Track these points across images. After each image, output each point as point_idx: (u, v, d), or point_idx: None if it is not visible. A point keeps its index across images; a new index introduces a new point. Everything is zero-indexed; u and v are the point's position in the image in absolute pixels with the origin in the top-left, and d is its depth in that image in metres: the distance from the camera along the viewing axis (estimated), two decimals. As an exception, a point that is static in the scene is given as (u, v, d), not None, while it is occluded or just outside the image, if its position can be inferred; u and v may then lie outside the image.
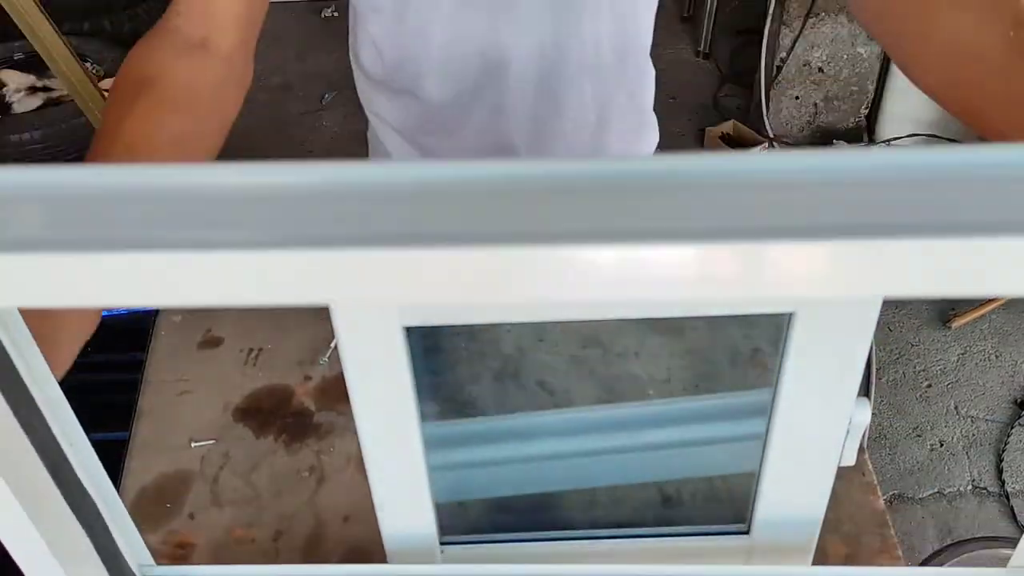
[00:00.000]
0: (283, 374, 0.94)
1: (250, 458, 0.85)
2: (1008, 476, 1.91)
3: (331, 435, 0.87)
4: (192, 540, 0.78)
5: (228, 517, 0.80)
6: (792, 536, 0.65)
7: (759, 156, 0.35)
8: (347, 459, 0.85)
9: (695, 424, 0.73)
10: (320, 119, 3.06)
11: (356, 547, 0.77)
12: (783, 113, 2.93)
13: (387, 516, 0.64)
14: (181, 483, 0.84)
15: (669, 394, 0.81)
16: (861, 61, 2.70)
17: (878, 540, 0.67)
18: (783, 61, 2.77)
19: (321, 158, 0.89)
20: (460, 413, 0.80)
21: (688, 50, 3.42)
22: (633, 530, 0.69)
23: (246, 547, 0.78)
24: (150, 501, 0.82)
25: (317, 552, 0.77)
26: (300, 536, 0.78)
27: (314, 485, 0.83)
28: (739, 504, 0.66)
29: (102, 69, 2.97)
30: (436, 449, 0.64)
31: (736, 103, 3.17)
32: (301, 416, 0.89)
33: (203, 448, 0.87)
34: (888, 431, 2.02)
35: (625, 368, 0.82)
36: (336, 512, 0.80)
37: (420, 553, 0.68)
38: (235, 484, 0.83)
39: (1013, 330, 2.19)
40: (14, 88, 2.91)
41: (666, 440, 0.72)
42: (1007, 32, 0.59)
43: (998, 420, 2.01)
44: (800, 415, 0.55)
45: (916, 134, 2.71)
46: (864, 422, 0.57)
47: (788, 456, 0.58)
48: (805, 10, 2.53)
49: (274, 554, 0.77)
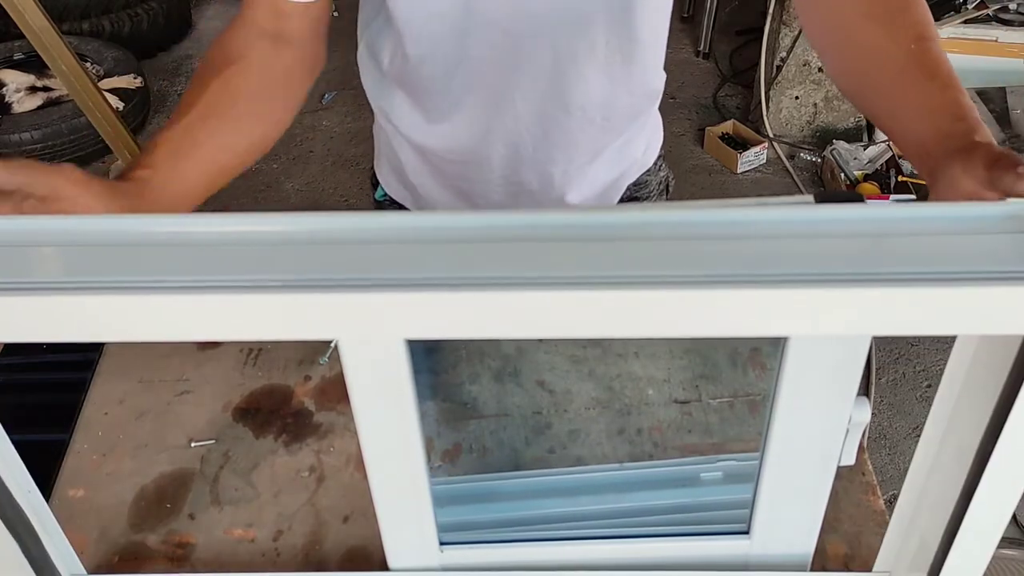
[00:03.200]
0: (283, 374, 0.94)
1: (250, 458, 0.85)
2: (1008, 476, 1.91)
3: (331, 435, 0.87)
4: (192, 540, 0.78)
5: (228, 517, 0.80)
6: (792, 536, 0.65)
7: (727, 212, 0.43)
8: (347, 459, 0.85)
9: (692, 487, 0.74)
10: (320, 119, 3.06)
11: (356, 547, 0.77)
12: (783, 113, 2.92)
13: (387, 517, 0.64)
14: (181, 483, 0.84)
15: (668, 395, 0.82)
16: (861, 61, 2.70)
17: (878, 540, 0.67)
18: (783, 61, 2.77)
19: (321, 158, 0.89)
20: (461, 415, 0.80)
21: (688, 50, 3.43)
22: (635, 529, 0.69)
23: (246, 547, 0.78)
24: (150, 501, 0.82)
25: (317, 552, 0.77)
26: (300, 536, 0.78)
27: (314, 485, 0.83)
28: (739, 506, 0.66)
29: (102, 69, 2.97)
30: (438, 481, 0.65)
31: (736, 103, 3.17)
32: (301, 416, 0.89)
33: (203, 448, 0.87)
34: (888, 431, 2.02)
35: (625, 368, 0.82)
36: (336, 512, 0.80)
37: (420, 553, 0.68)
38: (235, 484, 0.83)
39: (1013, 330, 2.19)
40: (14, 88, 2.91)
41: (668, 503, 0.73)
42: (909, 45, 0.67)
43: (998, 420, 2.01)
44: (799, 416, 0.55)
45: (916, 134, 2.71)
46: (864, 421, 0.56)
47: (787, 457, 0.57)
48: (805, 10, 2.52)
49: (274, 554, 0.77)
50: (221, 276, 0.39)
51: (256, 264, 0.40)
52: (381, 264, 0.40)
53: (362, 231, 0.42)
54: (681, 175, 2.81)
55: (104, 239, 0.42)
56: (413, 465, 0.59)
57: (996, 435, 0.44)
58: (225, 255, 0.41)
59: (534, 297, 0.38)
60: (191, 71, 3.38)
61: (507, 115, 0.92)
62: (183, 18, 3.56)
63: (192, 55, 3.49)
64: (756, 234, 0.40)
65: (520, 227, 0.41)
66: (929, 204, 0.41)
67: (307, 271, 0.40)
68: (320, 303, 0.39)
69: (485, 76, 0.88)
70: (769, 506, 0.61)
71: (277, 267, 0.40)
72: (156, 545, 0.78)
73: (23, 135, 2.73)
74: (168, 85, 3.31)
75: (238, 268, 0.40)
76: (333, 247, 0.41)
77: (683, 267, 0.38)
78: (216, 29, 3.66)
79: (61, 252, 0.41)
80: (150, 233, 0.42)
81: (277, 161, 2.88)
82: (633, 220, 0.41)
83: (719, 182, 2.82)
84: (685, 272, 0.38)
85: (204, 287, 0.39)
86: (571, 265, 0.39)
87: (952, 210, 0.40)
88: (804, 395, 0.53)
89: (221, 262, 0.40)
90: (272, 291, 0.39)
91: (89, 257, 0.41)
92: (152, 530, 0.79)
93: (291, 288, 0.39)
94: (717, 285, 0.37)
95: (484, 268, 0.39)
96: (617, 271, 0.38)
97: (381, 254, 0.40)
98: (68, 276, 0.40)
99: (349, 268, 0.40)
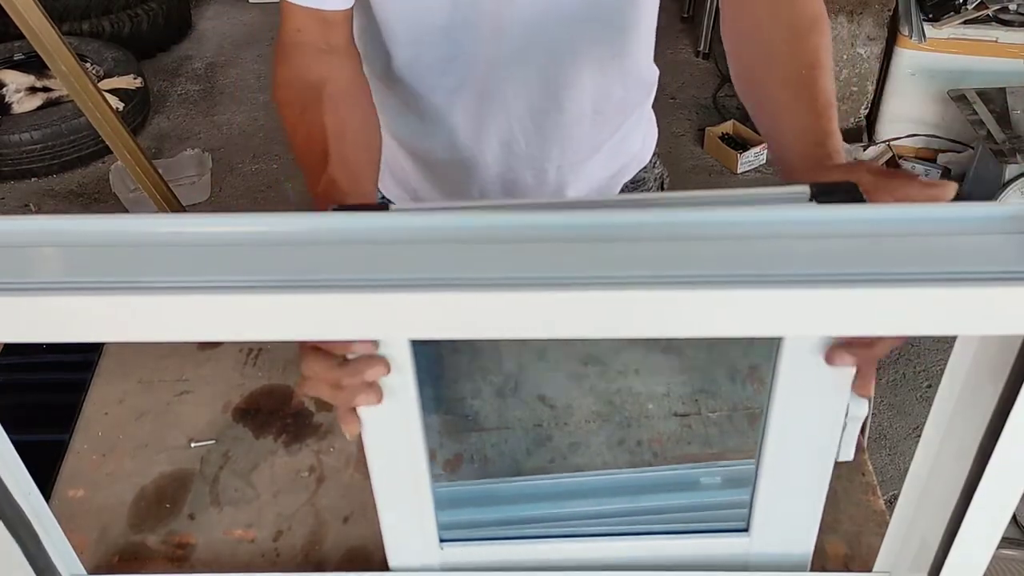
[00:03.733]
0: (283, 374, 0.94)
1: (250, 458, 0.85)
2: (1008, 476, 1.90)
3: (331, 435, 0.87)
4: (192, 540, 0.78)
5: (228, 517, 0.80)
6: (791, 534, 0.65)
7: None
8: (347, 459, 0.85)
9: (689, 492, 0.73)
10: (320, 119, 3.06)
11: (356, 547, 0.77)
12: (783, 113, 2.92)
13: (388, 514, 0.64)
14: (181, 483, 0.84)
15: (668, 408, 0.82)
16: (861, 61, 2.70)
17: (878, 540, 0.67)
18: (783, 61, 2.76)
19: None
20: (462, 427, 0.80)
21: (688, 50, 3.42)
22: (635, 527, 0.69)
23: (246, 547, 0.78)
24: (150, 501, 0.82)
25: (317, 552, 0.77)
26: (300, 536, 0.78)
27: (314, 485, 0.83)
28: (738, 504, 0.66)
29: (102, 69, 2.97)
30: (439, 482, 0.65)
31: (736, 103, 3.17)
32: (301, 416, 0.89)
33: (203, 448, 0.87)
34: (888, 431, 2.02)
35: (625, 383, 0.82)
36: (336, 512, 0.80)
37: (420, 552, 0.68)
38: (235, 484, 0.83)
39: (1013, 330, 2.19)
40: (14, 88, 2.91)
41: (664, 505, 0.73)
42: (801, 70, 0.71)
43: (998, 420, 2.01)
44: (795, 411, 0.55)
45: (915, 134, 2.71)
46: (861, 415, 0.56)
47: (784, 453, 0.57)
48: (805, 10, 2.52)
49: (274, 555, 0.77)
50: (220, 276, 0.39)
51: (256, 264, 0.40)
52: (382, 265, 0.40)
53: (362, 231, 0.42)
54: (681, 175, 2.81)
55: (103, 240, 0.42)
56: (416, 463, 0.59)
57: (996, 435, 0.44)
58: (224, 255, 0.41)
59: (528, 297, 0.38)
60: (191, 71, 3.38)
61: (499, 112, 0.92)
62: (183, 19, 3.56)
63: (192, 55, 3.48)
64: (754, 234, 0.40)
65: (520, 227, 0.41)
66: (928, 205, 0.41)
67: (307, 271, 0.40)
68: (320, 303, 0.39)
69: (475, 74, 0.89)
70: (767, 503, 0.61)
71: (277, 267, 0.40)
72: (156, 545, 0.78)
73: (23, 135, 2.74)
74: (168, 85, 3.31)
75: (238, 268, 0.40)
76: (334, 247, 0.41)
77: (681, 267, 0.38)
78: (216, 29, 3.66)
79: (61, 252, 0.41)
80: (150, 233, 0.42)
81: (277, 161, 2.88)
82: (632, 221, 0.41)
83: (719, 182, 2.82)
84: (684, 272, 0.38)
85: (204, 287, 0.39)
86: (571, 266, 0.39)
87: (951, 211, 0.40)
88: (799, 391, 0.53)
89: (220, 262, 0.40)
90: (272, 291, 0.39)
91: (88, 257, 0.41)
92: (152, 530, 0.79)
93: (291, 288, 0.39)
94: (717, 286, 0.37)
95: (487, 269, 0.39)
96: (616, 271, 0.38)
97: (382, 254, 0.41)
98: (68, 276, 0.40)
99: (350, 268, 0.40)
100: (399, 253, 0.41)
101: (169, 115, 3.16)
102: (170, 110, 3.19)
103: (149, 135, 3.04)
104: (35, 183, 2.83)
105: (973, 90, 2.43)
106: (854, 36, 2.60)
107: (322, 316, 0.39)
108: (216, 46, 3.56)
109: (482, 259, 0.40)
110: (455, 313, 0.39)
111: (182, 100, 3.24)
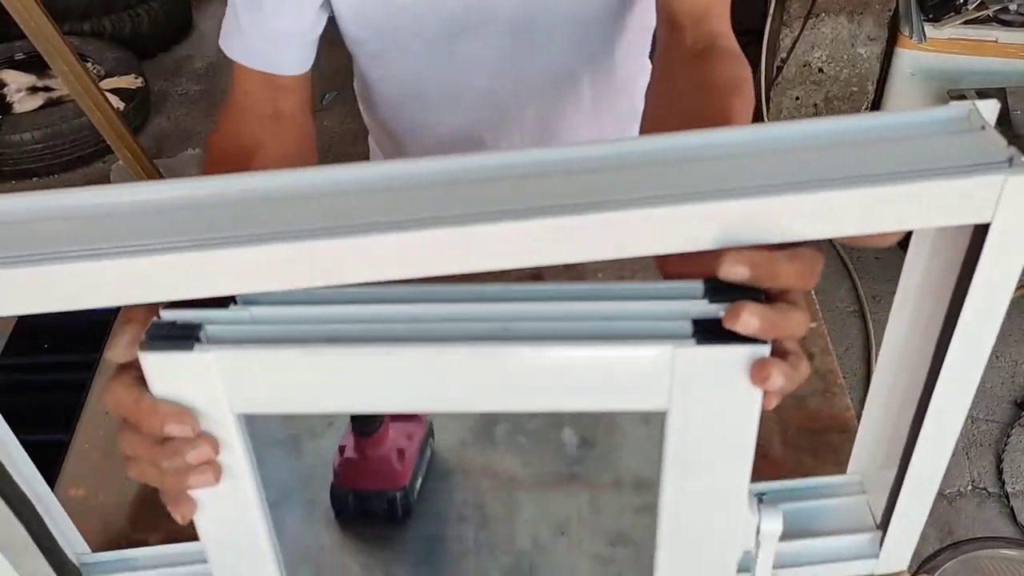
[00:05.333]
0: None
1: (250, 458, 0.86)
2: (1008, 476, 1.91)
3: (331, 435, 0.87)
4: (192, 540, 0.78)
5: (228, 517, 0.80)
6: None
7: None
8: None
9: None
10: (320, 119, 3.06)
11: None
12: (783, 113, 2.93)
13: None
14: (181, 483, 0.84)
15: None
16: (861, 61, 2.70)
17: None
18: (783, 61, 2.77)
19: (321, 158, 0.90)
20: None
21: (688, 50, 3.42)
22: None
23: (246, 547, 0.78)
24: (151, 500, 0.82)
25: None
26: (300, 536, 0.78)
27: (314, 485, 0.83)
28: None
29: (103, 69, 2.97)
30: None
31: (736, 103, 3.17)
32: (301, 416, 0.89)
33: (203, 448, 0.87)
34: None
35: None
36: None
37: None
38: (235, 484, 0.83)
39: (1013, 330, 2.19)
40: (15, 88, 2.91)
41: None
42: (700, 94, 0.65)
43: (998, 421, 2.01)
44: (687, 519, 0.47)
45: (916, 134, 2.71)
46: (776, 531, 0.48)
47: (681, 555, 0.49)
48: (805, 11, 2.53)
49: (274, 554, 0.77)
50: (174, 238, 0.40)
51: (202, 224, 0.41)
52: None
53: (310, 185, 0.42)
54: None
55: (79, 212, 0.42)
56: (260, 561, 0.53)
57: (953, 323, 0.45)
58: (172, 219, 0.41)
59: (485, 230, 0.39)
60: (192, 71, 3.39)
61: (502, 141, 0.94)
62: (184, 19, 3.56)
63: (193, 55, 3.49)
64: (703, 156, 0.41)
65: (464, 170, 0.42)
66: (873, 114, 0.42)
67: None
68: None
69: (471, 140, 0.90)
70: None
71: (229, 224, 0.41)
72: (156, 544, 0.78)
73: (24, 135, 2.74)
74: (169, 85, 3.31)
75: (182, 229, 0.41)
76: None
77: (624, 192, 0.39)
78: (217, 29, 3.66)
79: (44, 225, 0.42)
80: (98, 205, 0.43)
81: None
82: (576, 155, 0.42)
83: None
84: (626, 195, 0.39)
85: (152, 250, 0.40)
86: (513, 200, 0.40)
87: (896, 118, 0.42)
88: (691, 477, 0.45)
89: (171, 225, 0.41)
90: None
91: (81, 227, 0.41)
92: (153, 530, 0.79)
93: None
94: (662, 203, 0.38)
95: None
96: (554, 201, 0.39)
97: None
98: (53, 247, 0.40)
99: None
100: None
101: (170, 115, 3.17)
102: (171, 110, 3.19)
103: (150, 135, 3.05)
104: (36, 183, 2.83)
105: (973, 90, 2.43)
106: (854, 36, 2.60)
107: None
108: (217, 46, 3.54)
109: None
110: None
111: (183, 100, 3.24)
